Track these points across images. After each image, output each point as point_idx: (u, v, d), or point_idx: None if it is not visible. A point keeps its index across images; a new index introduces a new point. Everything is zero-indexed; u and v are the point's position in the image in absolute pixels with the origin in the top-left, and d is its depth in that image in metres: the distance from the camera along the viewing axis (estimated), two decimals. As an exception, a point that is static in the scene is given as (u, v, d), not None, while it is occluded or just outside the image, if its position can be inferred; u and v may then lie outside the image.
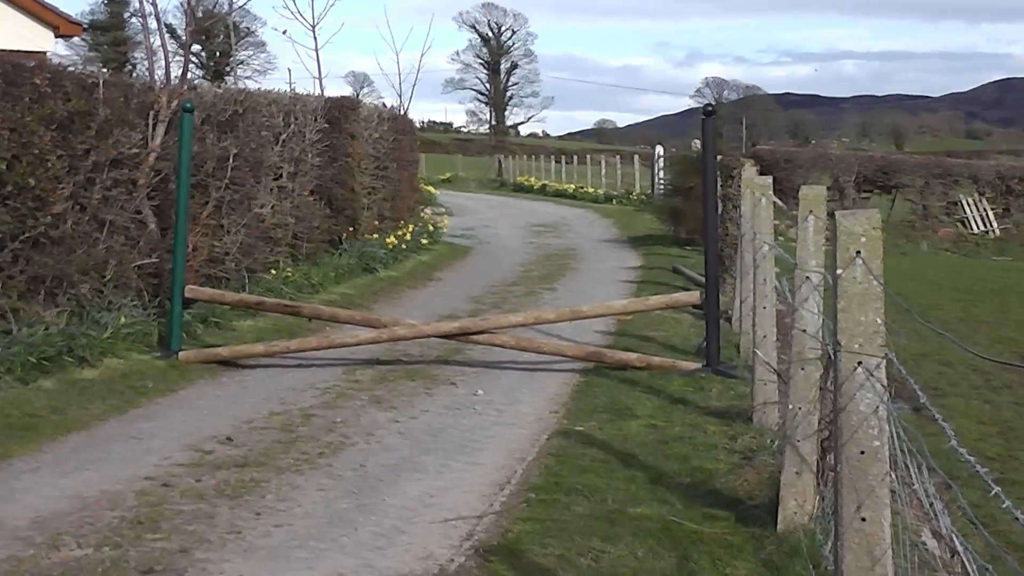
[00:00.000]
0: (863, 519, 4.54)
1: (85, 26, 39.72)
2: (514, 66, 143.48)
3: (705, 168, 12.96)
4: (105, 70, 16.66)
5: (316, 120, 19.93)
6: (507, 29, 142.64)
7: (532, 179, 68.16)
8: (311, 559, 6.82)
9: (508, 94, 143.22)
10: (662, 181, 39.45)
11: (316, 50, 27.07)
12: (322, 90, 26.20)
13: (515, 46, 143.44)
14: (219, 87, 19.07)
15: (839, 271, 4.81)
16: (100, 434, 9.73)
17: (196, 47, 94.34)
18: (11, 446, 9.12)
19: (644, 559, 6.77)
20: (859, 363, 4.68)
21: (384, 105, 28.89)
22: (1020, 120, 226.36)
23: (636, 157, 62.63)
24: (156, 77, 14.75)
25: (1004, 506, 3.74)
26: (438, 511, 7.82)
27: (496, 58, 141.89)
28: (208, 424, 10.13)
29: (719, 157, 18.71)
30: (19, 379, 11.01)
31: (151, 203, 14.24)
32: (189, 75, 16.03)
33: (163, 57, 14.86)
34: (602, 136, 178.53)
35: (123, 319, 12.84)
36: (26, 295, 12.05)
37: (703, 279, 13.57)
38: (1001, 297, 22.60)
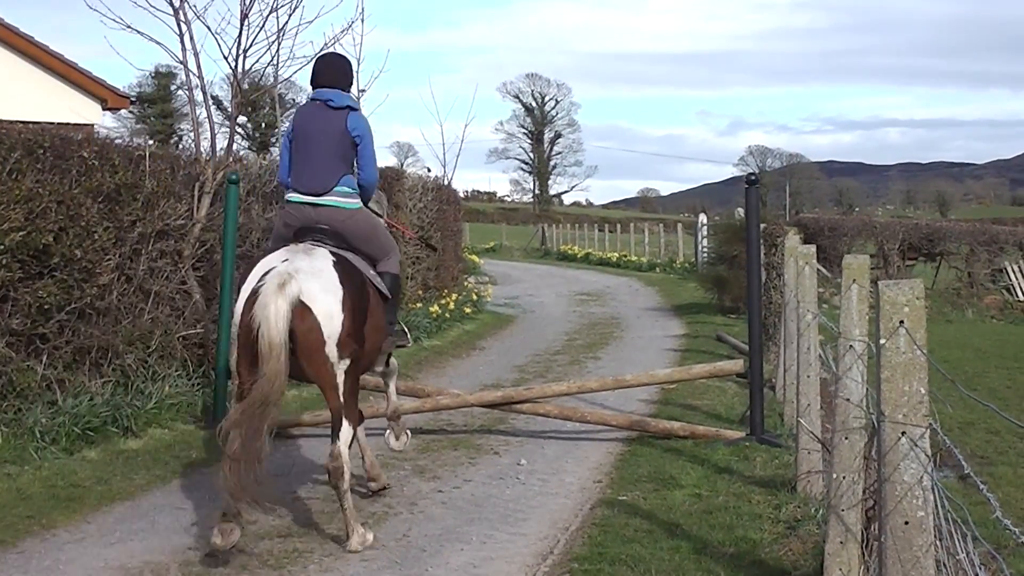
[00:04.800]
0: (908, 590, 4.50)
1: (132, 99, 40.09)
2: (557, 135, 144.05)
3: (749, 236, 12.95)
4: (152, 142, 16.80)
5: (360, 190, 19.99)
6: (551, 99, 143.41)
7: (576, 247, 68.35)
8: (354, 630, 6.80)
9: (551, 163, 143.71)
10: (706, 249, 39.46)
11: (361, 121, 27.23)
12: (366, 160, 26.33)
13: (558, 116, 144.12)
14: (265, 158, 19.20)
15: (883, 341, 4.80)
16: (145, 504, 9.75)
17: (242, 119, 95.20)
18: (56, 517, 9.16)
19: (688, 630, 6.73)
20: (903, 433, 4.66)
21: (428, 170, 28.99)
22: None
23: (679, 225, 62.74)
24: (202, 149, 14.86)
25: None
26: (481, 582, 7.80)
27: (540, 128, 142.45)
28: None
29: (763, 225, 18.70)
30: (64, 449, 11.07)
31: (196, 274, 14.33)
32: (235, 146, 16.13)
33: (209, 129, 14.96)
34: (646, 204, 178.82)
35: (168, 389, 12.91)
36: (72, 366, 12.12)
37: (747, 347, 13.52)
38: (1049, 365, 22.41)
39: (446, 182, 28.62)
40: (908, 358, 4.76)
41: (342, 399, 8.51)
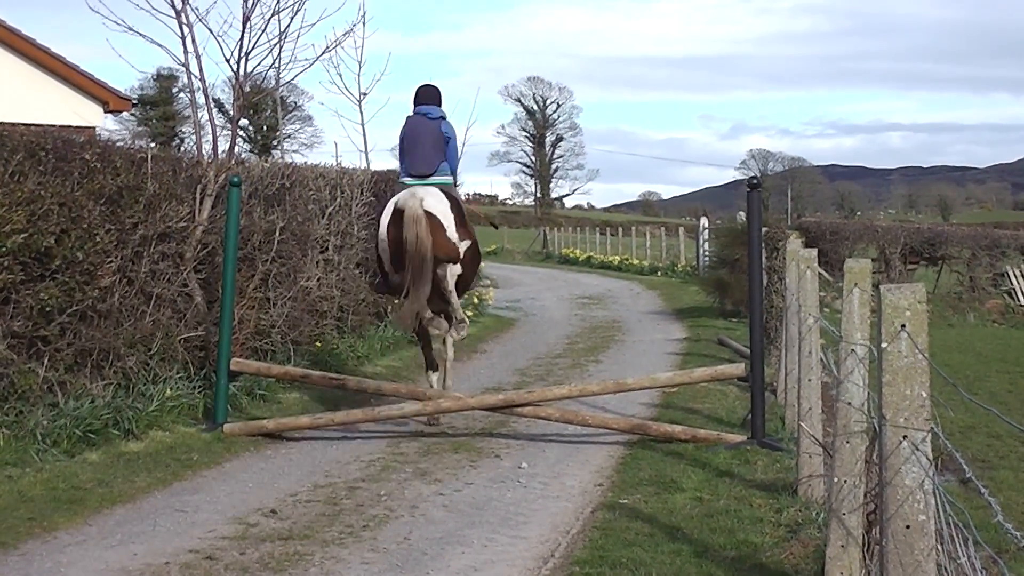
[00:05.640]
0: (909, 594, 4.50)
1: (134, 101, 40.09)
2: (559, 139, 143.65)
3: (750, 240, 12.93)
4: (153, 145, 16.82)
5: (362, 193, 20.03)
6: (552, 103, 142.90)
7: (577, 251, 68.35)
8: (355, 633, 6.78)
9: (553, 167, 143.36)
10: (707, 253, 39.42)
11: (362, 124, 27.23)
12: (368, 163, 26.33)
13: (560, 119, 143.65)
14: (266, 161, 19.21)
15: (884, 345, 4.80)
16: (145, 507, 9.75)
17: (244, 121, 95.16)
18: (57, 519, 9.16)
19: (689, 634, 6.72)
20: (904, 437, 4.66)
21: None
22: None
23: (681, 229, 62.75)
24: (204, 151, 14.86)
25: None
26: (482, 585, 7.80)
27: (541, 131, 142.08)
28: (253, 497, 10.14)
29: (764, 229, 18.68)
30: (65, 452, 11.07)
31: (198, 276, 14.33)
32: (236, 149, 16.14)
33: (211, 131, 14.95)
34: (647, 208, 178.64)
35: (169, 392, 12.90)
36: (73, 368, 12.12)
37: (748, 351, 13.50)
38: (1050, 369, 22.41)
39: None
40: (910, 362, 4.75)
41: (461, 270, 13.27)
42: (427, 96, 13.85)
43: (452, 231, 12.95)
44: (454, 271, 13.25)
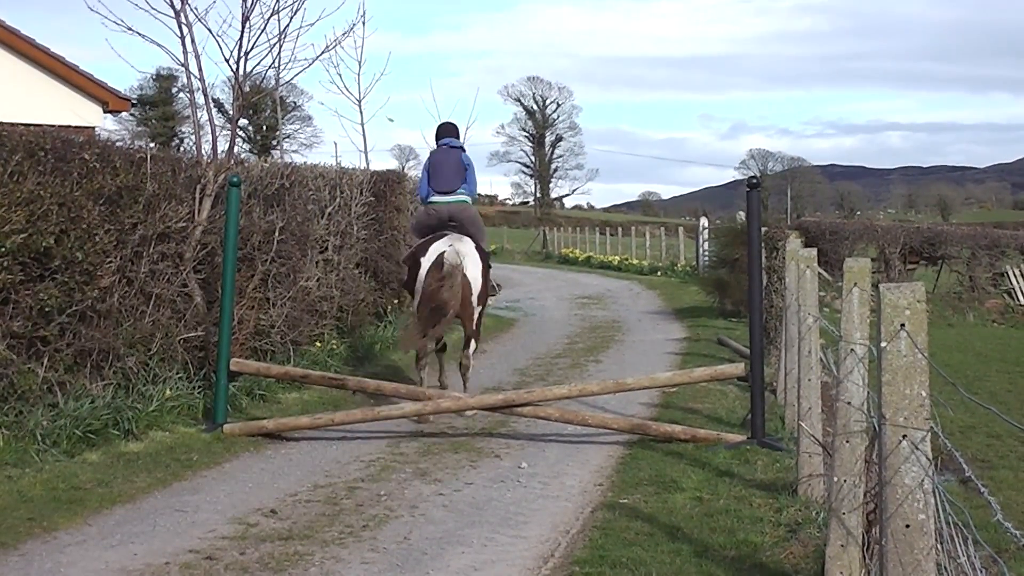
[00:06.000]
0: (909, 593, 4.49)
1: (134, 101, 40.05)
2: (559, 139, 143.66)
3: (750, 240, 12.93)
4: (153, 145, 16.80)
5: (362, 193, 20.03)
6: (552, 102, 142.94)
7: (577, 251, 68.37)
8: (355, 633, 6.78)
9: (553, 167, 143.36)
10: (707, 253, 39.42)
11: (362, 124, 27.27)
12: (368, 163, 26.34)
13: (560, 119, 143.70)
14: (266, 161, 19.20)
15: (884, 344, 4.80)
16: (145, 507, 9.75)
17: (243, 121, 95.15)
18: (57, 519, 9.15)
19: (689, 634, 6.71)
20: (904, 436, 4.65)
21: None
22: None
23: (681, 229, 62.67)
24: (203, 151, 14.85)
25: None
26: (482, 585, 7.79)
27: (541, 131, 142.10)
28: (253, 497, 10.14)
29: (764, 229, 18.68)
30: (65, 452, 11.06)
31: (197, 276, 14.33)
32: (236, 149, 16.13)
33: (210, 131, 14.95)
34: (647, 208, 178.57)
35: (169, 392, 12.90)
36: (73, 368, 12.11)
37: (748, 351, 13.50)
38: (1050, 368, 22.40)
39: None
40: (909, 361, 4.75)
41: (475, 328, 15.08)
42: (448, 131, 16.31)
43: (475, 298, 14.76)
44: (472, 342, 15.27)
